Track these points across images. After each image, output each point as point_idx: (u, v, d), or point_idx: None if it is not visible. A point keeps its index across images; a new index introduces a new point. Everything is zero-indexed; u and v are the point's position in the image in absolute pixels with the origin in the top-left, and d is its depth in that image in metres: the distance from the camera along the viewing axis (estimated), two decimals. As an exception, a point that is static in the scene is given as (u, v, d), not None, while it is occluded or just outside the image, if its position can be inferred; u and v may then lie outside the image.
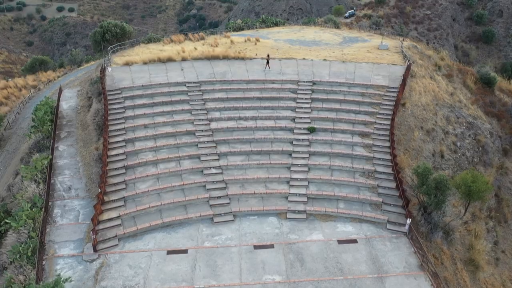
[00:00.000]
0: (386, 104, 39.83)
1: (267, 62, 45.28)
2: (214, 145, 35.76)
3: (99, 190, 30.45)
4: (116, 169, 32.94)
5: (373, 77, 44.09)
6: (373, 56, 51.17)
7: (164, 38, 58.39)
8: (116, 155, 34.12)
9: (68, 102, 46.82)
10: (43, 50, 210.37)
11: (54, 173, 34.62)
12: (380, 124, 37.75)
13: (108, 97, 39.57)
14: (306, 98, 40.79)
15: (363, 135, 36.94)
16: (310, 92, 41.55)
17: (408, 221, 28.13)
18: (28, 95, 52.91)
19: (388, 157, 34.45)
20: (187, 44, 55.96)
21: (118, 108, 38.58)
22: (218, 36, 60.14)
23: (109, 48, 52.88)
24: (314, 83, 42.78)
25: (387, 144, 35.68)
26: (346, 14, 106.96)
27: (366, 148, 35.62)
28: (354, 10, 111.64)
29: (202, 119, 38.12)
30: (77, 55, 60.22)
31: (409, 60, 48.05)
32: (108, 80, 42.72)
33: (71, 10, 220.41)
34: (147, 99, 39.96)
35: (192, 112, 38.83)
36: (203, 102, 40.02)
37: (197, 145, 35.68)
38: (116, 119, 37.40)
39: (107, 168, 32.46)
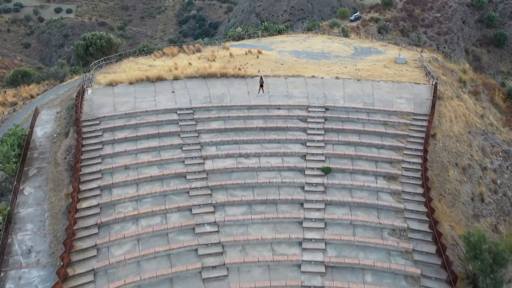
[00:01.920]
0: (414, 136, 32.84)
1: (261, 86, 37.86)
2: (209, 192, 28.82)
3: (61, 263, 23.57)
4: (87, 227, 26.02)
5: (395, 100, 37.08)
6: (391, 73, 44.13)
7: (155, 51, 51.31)
8: (88, 208, 27.21)
9: (44, 128, 39.72)
10: (41, 52, 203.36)
11: (13, 228, 27.69)
12: (409, 162, 30.78)
13: (83, 129, 32.62)
14: (318, 129, 33.82)
15: (389, 177, 29.96)
16: (323, 120, 34.58)
17: (459, 308, 21.27)
18: (0, 118, 45.90)
19: (423, 208, 27.50)
20: (181, 58, 48.92)
21: (94, 144, 31.64)
22: (215, 48, 53.11)
23: (92, 64, 45.88)
24: (326, 109, 35.79)
25: (420, 190, 28.72)
26: (352, 18, 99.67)
27: (395, 196, 28.66)
28: (360, 13, 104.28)
29: (195, 157, 31.18)
30: (59, 69, 53.21)
31: (434, 78, 41.00)
32: (85, 106, 35.77)
33: (69, 11, 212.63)
34: (130, 131, 33.00)
35: (183, 148, 31.88)
36: (197, 134, 33.07)
37: (188, 192, 28.73)
38: (91, 159, 30.47)
39: (74, 229, 25.54)
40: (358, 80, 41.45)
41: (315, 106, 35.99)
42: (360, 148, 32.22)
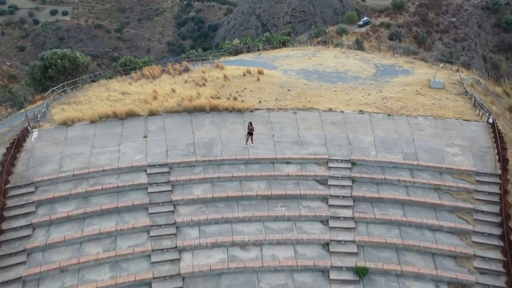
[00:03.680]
0: (483, 212, 22.23)
1: (250, 134, 26.33)
2: (185, 316, 18.29)
3: None
4: None
5: (446, 149, 26.42)
6: (428, 103, 33.43)
7: (133, 72, 40.63)
8: None
9: (-19, 179, 29.10)
10: (36, 56, 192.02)
11: None
12: (484, 259, 20.18)
13: (8, 203, 22.01)
14: (344, 197, 23.22)
15: (457, 286, 19.35)
16: (350, 183, 23.97)
17: None
18: None
19: None
20: (163, 82, 38.15)
21: (20, 229, 21.03)
22: (207, 67, 42.27)
23: (50, 91, 35.28)
24: (353, 164, 25.17)
25: (509, 313, 18.15)
26: (360, 22, 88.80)
27: (471, 324, 18.09)
28: (369, 18, 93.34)
29: (167, 249, 20.59)
30: (18, 92, 42.61)
31: (489, 114, 30.32)
32: (21, 161, 25.11)
33: (64, 13, 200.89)
34: (76, 205, 22.37)
35: (151, 233, 21.29)
36: (172, 208, 22.47)
37: (152, 316, 18.20)
38: (10, 256, 19.87)
39: None
40: (389, 115, 30.74)
41: (337, 160, 25.35)
42: (406, 231, 21.60)
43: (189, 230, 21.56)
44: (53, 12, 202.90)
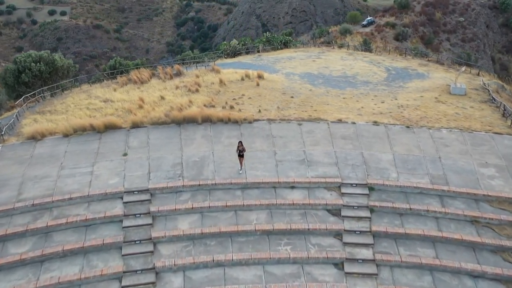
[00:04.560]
0: (534, 253, 17.82)
1: (241, 156, 21.41)
2: None
3: None
4: None
5: (480, 170, 22.01)
6: (451, 112, 29.04)
7: (120, 76, 36.23)
8: None
9: None
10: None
11: None
12: (542, 318, 15.79)
13: (-50, 243, 17.63)
14: (361, 232, 18.81)
15: None
16: (368, 214, 19.56)
17: None
18: None
19: None
20: (152, 87, 33.72)
21: (-41, 278, 16.65)
22: (202, 70, 37.82)
23: (22, 98, 30.96)
24: (371, 189, 20.76)
25: None
26: (364, 22, 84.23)
27: None
28: (373, 17, 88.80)
29: (143, 304, 16.21)
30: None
31: (523, 126, 25.91)
32: (-26, 186, 20.74)
33: (63, 13, 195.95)
34: (34, 243, 17.98)
35: (124, 281, 16.88)
36: (151, 248, 18.06)
37: None
38: None
39: None
40: (408, 127, 26.33)
41: (352, 184, 20.94)
42: (441, 278, 17.17)
43: (171, 277, 17.15)
44: (51, 12, 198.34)
